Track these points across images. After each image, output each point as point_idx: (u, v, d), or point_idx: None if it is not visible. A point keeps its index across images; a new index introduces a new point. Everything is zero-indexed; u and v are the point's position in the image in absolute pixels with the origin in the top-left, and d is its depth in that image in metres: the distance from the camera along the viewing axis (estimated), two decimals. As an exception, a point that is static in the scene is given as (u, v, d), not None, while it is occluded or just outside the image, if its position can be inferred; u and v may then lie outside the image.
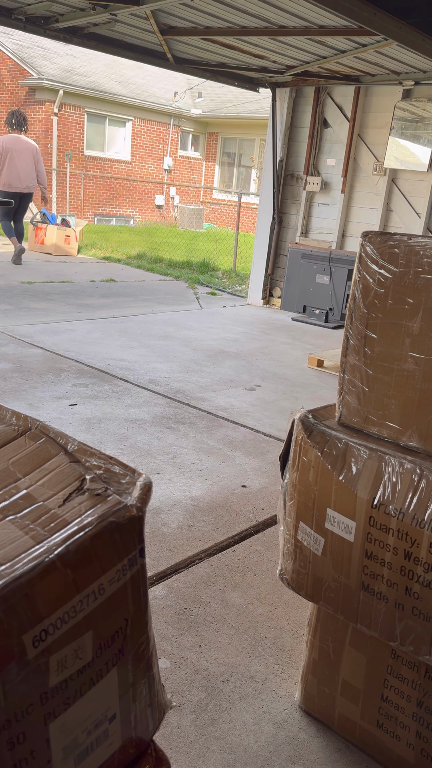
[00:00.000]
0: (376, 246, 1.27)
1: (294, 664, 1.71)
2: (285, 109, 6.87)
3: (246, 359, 4.79)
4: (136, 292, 6.07)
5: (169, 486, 2.66)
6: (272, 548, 2.28)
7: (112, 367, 4.22)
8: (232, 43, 5.51)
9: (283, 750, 1.45)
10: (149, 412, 3.47)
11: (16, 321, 5.24)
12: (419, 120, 6.08)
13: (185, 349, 4.86)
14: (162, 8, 4.64)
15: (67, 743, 0.75)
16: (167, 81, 18.55)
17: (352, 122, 6.46)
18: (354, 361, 1.34)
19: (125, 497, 0.79)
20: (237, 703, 1.57)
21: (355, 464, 1.27)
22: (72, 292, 6.87)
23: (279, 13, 4.52)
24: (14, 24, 5.15)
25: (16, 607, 0.66)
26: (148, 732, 0.90)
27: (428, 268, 1.21)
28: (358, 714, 1.44)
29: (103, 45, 5.73)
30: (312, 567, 1.38)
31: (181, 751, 1.42)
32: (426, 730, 1.33)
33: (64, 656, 0.72)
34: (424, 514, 1.17)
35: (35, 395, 3.55)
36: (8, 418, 0.95)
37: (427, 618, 1.20)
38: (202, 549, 2.22)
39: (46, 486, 0.81)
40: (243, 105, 17.58)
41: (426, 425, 1.24)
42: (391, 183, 6.36)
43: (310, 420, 1.36)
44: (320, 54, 5.62)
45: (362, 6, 3.88)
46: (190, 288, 8.16)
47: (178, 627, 1.82)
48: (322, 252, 6.45)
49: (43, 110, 15.95)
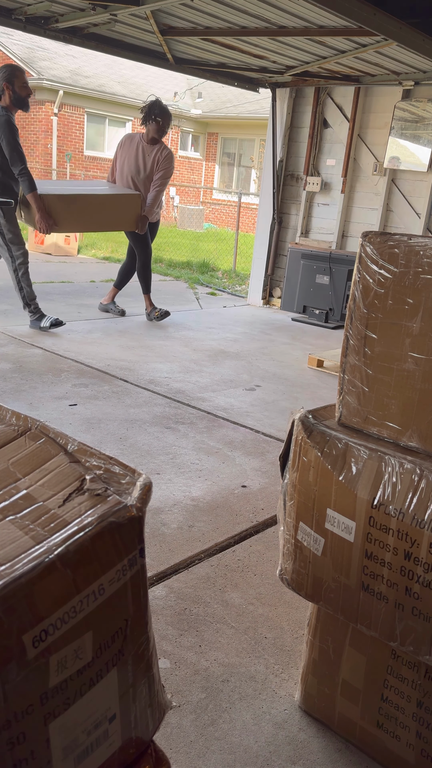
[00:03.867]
0: (376, 246, 1.27)
1: (294, 665, 1.71)
2: (285, 110, 6.87)
3: (246, 359, 4.79)
4: (136, 293, 6.08)
5: (169, 486, 2.66)
6: (272, 548, 2.28)
7: (112, 367, 4.22)
8: (232, 43, 5.51)
9: (283, 750, 1.45)
10: (149, 412, 3.47)
11: (16, 321, 5.24)
12: (419, 120, 6.08)
13: (185, 349, 4.85)
14: (162, 8, 4.64)
15: (67, 743, 0.76)
16: (167, 81, 18.55)
17: (352, 122, 6.46)
18: (354, 361, 1.34)
19: (125, 497, 0.79)
20: (237, 703, 1.57)
21: (355, 464, 1.27)
22: (72, 292, 6.87)
23: (279, 14, 4.52)
24: (14, 24, 5.16)
25: (16, 607, 0.66)
26: (148, 732, 0.90)
27: (428, 268, 1.21)
28: (358, 714, 1.44)
29: (103, 45, 5.73)
30: (312, 567, 1.38)
31: (181, 751, 1.42)
32: (426, 731, 1.33)
33: (64, 656, 0.72)
34: (424, 515, 1.17)
35: (35, 395, 3.55)
36: (8, 418, 0.95)
37: (427, 618, 1.20)
38: (202, 549, 2.22)
39: (46, 486, 0.81)
40: (243, 105, 17.59)
41: (426, 425, 1.24)
42: (391, 183, 6.36)
43: (310, 420, 1.36)
44: (320, 54, 5.62)
45: (362, 6, 3.88)
46: (190, 288, 8.16)
47: (178, 627, 1.82)
48: (322, 252, 6.44)
49: (43, 110, 15.96)
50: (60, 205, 4.96)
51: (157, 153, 5.42)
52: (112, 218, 5.43)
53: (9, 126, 4.62)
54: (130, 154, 5.48)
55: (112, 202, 5.39)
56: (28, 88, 4.69)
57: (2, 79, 4.55)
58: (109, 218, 5.41)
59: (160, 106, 5.36)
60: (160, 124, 5.35)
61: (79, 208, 5.16)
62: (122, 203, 5.41)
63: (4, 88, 4.55)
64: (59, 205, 4.95)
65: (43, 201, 4.83)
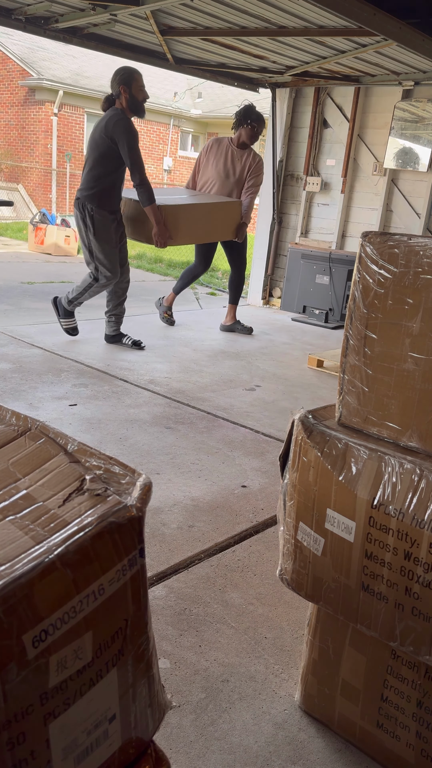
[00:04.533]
0: (376, 246, 1.27)
1: (294, 665, 1.71)
2: (285, 110, 6.87)
3: (246, 359, 4.79)
4: (136, 293, 6.08)
5: (169, 486, 2.66)
6: (272, 548, 2.28)
7: (112, 367, 4.22)
8: (232, 43, 5.51)
9: (283, 750, 1.45)
10: (149, 412, 3.47)
11: (16, 321, 5.24)
12: (419, 120, 6.08)
13: (185, 349, 4.85)
14: (162, 8, 4.64)
15: (67, 743, 0.76)
16: (167, 81, 18.54)
17: (352, 122, 6.46)
18: (354, 361, 1.34)
19: (125, 497, 0.79)
20: (237, 703, 1.57)
21: (355, 464, 1.27)
22: (72, 293, 6.86)
23: (279, 14, 4.52)
24: (14, 24, 5.16)
25: (16, 607, 0.66)
26: (148, 732, 0.90)
27: (428, 268, 1.21)
28: (358, 714, 1.44)
29: (103, 45, 5.73)
30: (312, 567, 1.38)
31: (181, 752, 1.42)
32: (426, 731, 1.33)
33: (63, 656, 0.72)
34: (424, 515, 1.17)
35: (35, 395, 3.55)
36: (8, 418, 0.95)
37: (427, 618, 1.20)
38: (202, 549, 2.22)
39: (46, 486, 0.81)
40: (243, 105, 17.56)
41: (426, 425, 1.24)
42: (390, 183, 6.36)
43: (310, 420, 1.36)
44: (320, 54, 5.62)
45: (362, 6, 3.88)
46: (190, 288, 8.15)
47: (178, 627, 1.82)
48: (322, 252, 6.45)
49: (43, 110, 15.96)
50: (172, 216, 4.56)
51: (249, 158, 5.24)
52: (216, 227, 5.10)
53: (131, 131, 4.21)
54: (218, 159, 5.26)
55: (216, 211, 5.08)
56: (145, 92, 4.32)
57: (119, 82, 4.23)
58: (214, 228, 5.08)
59: (256, 112, 5.16)
60: (255, 130, 5.18)
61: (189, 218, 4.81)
62: (225, 211, 5.12)
63: (121, 91, 4.22)
64: (172, 216, 4.56)
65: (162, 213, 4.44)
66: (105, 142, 4.23)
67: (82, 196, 4.34)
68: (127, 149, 4.18)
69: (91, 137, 4.35)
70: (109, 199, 4.38)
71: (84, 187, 4.35)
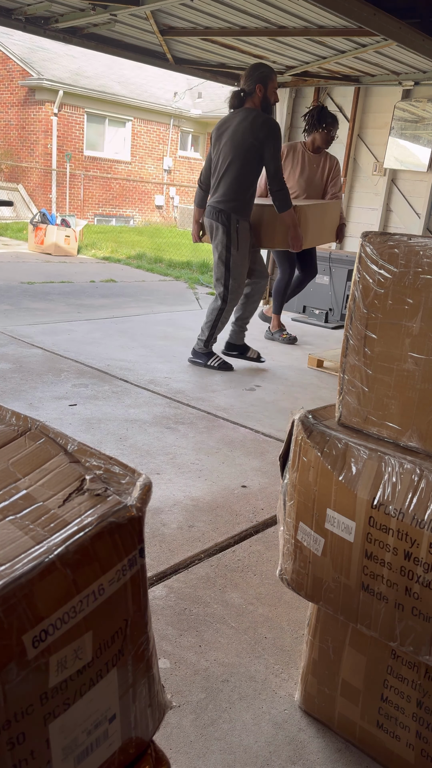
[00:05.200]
0: (376, 246, 1.27)
1: (294, 665, 1.71)
2: (285, 110, 6.87)
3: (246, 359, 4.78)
4: (136, 293, 6.08)
5: (169, 486, 2.66)
6: (272, 548, 2.28)
7: (112, 367, 4.22)
8: (232, 43, 5.51)
9: (283, 750, 1.45)
10: (149, 412, 3.47)
11: (16, 321, 5.24)
12: (419, 120, 6.08)
13: (185, 350, 4.85)
14: (162, 8, 4.64)
15: (67, 743, 0.76)
16: (167, 81, 18.55)
17: (352, 122, 6.46)
18: (354, 361, 1.34)
19: (125, 497, 0.79)
20: (237, 703, 1.57)
21: (355, 464, 1.27)
22: (72, 293, 6.87)
23: (279, 14, 4.52)
24: (14, 24, 5.16)
25: (16, 607, 0.66)
26: (148, 732, 0.90)
27: (428, 268, 1.21)
28: (358, 714, 1.44)
29: (103, 45, 5.73)
30: (312, 567, 1.38)
31: (181, 752, 1.42)
32: (426, 731, 1.33)
33: (63, 656, 0.72)
34: (424, 515, 1.17)
35: (35, 395, 3.55)
36: (8, 418, 0.95)
37: (427, 618, 1.20)
38: (202, 549, 2.22)
39: (45, 486, 0.81)
40: (243, 105, 17.55)
41: (426, 425, 1.24)
42: (390, 183, 6.37)
43: (310, 420, 1.36)
44: (320, 54, 5.62)
45: (362, 6, 3.88)
46: (190, 288, 8.16)
47: (178, 627, 1.82)
48: (322, 252, 6.45)
49: (43, 110, 15.96)
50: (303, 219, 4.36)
51: (328, 161, 5.15)
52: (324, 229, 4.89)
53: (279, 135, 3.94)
54: (296, 167, 5.14)
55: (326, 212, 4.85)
56: (277, 95, 4.08)
57: (256, 79, 3.94)
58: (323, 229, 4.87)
59: (331, 115, 4.99)
60: (330, 133, 5.05)
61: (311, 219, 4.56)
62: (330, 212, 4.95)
63: (256, 90, 3.95)
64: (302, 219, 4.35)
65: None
66: (251, 144, 3.92)
67: (228, 207, 4.02)
68: (273, 153, 3.96)
69: (230, 138, 3.98)
70: (251, 208, 4.11)
71: (230, 197, 4.01)
